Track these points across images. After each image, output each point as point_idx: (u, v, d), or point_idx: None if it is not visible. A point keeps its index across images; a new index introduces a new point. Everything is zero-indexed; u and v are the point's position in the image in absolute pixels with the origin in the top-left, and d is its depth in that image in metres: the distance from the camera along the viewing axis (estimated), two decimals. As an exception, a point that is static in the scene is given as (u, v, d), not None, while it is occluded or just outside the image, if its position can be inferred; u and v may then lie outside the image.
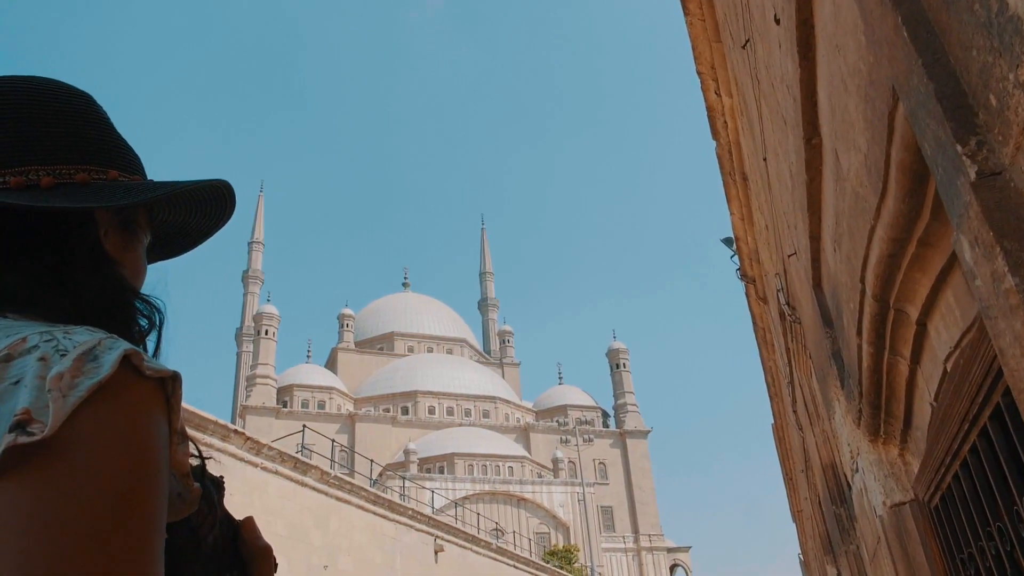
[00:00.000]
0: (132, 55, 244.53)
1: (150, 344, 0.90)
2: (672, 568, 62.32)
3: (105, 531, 0.57)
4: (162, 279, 0.96)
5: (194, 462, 0.81)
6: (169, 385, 0.69)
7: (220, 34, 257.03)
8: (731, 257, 9.38)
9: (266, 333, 62.44)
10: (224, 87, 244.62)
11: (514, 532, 46.46)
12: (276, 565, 0.89)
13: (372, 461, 29.66)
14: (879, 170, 1.41)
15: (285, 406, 59.25)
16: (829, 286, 2.87)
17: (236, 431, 12.95)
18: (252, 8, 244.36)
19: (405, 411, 63.08)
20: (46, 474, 0.58)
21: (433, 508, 29.09)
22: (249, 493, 13.22)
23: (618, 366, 71.31)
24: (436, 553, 21.97)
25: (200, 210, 1.00)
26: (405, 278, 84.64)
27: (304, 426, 21.54)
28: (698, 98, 6.40)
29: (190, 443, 0.79)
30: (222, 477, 0.91)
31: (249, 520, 0.90)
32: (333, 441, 24.63)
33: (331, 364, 70.13)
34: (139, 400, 0.65)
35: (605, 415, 70.29)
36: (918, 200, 1.34)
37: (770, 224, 5.44)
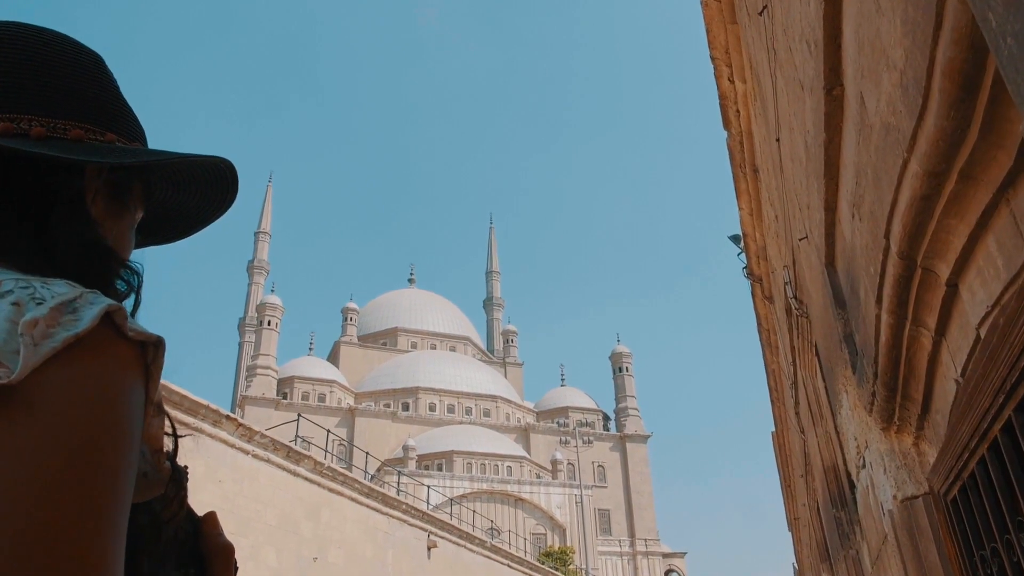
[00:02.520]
0: (145, 43, 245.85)
1: (128, 309, 0.83)
2: (667, 573, 62.03)
3: (61, 488, 0.53)
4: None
5: (168, 443, 0.76)
6: (151, 351, 0.65)
7: (235, 25, 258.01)
8: (738, 255, 9.19)
9: (269, 324, 62.23)
10: (237, 78, 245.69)
11: (510, 532, 46.25)
12: (237, 567, 0.84)
13: (368, 454, 29.52)
14: (919, 83, 1.20)
15: (285, 398, 59.07)
16: (844, 262, 2.66)
17: (228, 416, 12.72)
18: (266, 0, 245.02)
19: (406, 407, 62.88)
20: (5, 422, 0.54)
21: (429, 505, 28.89)
22: (239, 481, 13.00)
23: (621, 369, 70.99)
24: (429, 549, 21.78)
25: (200, 192, 0.96)
26: (411, 274, 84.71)
27: (299, 415, 21.33)
28: (710, 99, 6.24)
29: (166, 419, 0.73)
30: (186, 467, 0.85)
31: (211, 515, 0.85)
32: (329, 432, 24.37)
33: (333, 357, 69.99)
34: (117, 361, 0.61)
35: (606, 418, 70.00)
36: (965, 112, 1.13)
37: (780, 213, 5.26)
